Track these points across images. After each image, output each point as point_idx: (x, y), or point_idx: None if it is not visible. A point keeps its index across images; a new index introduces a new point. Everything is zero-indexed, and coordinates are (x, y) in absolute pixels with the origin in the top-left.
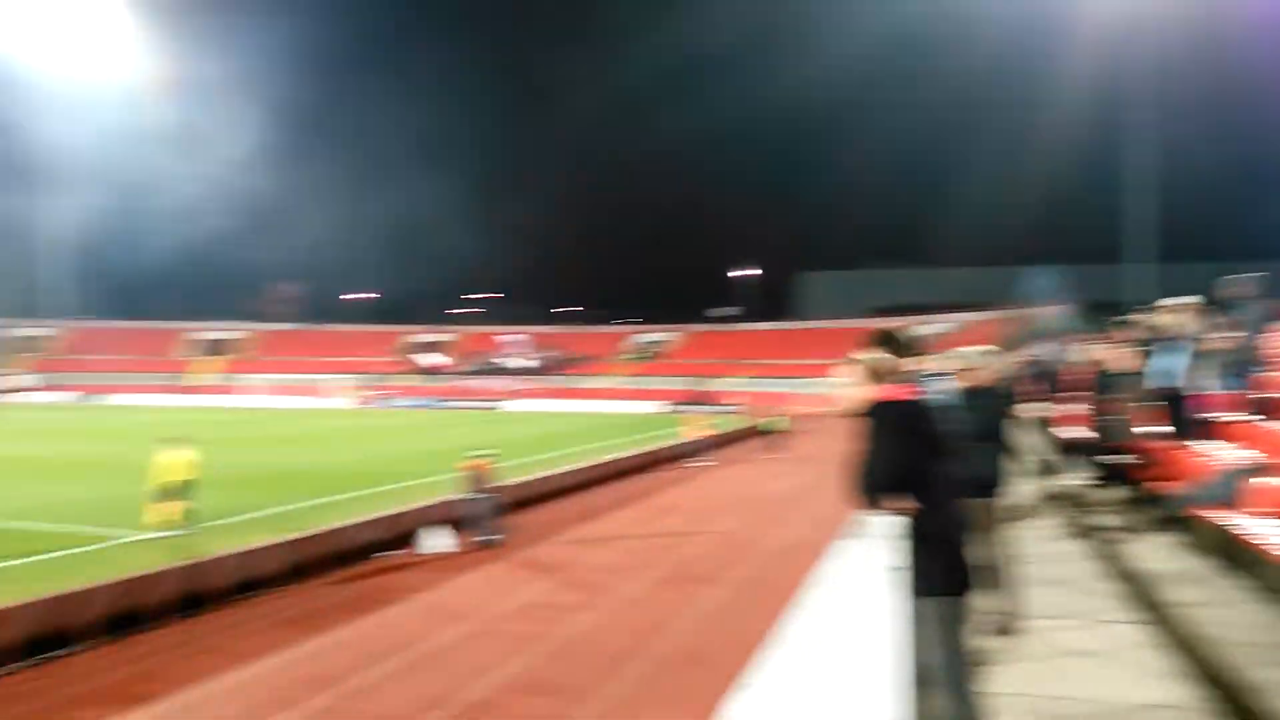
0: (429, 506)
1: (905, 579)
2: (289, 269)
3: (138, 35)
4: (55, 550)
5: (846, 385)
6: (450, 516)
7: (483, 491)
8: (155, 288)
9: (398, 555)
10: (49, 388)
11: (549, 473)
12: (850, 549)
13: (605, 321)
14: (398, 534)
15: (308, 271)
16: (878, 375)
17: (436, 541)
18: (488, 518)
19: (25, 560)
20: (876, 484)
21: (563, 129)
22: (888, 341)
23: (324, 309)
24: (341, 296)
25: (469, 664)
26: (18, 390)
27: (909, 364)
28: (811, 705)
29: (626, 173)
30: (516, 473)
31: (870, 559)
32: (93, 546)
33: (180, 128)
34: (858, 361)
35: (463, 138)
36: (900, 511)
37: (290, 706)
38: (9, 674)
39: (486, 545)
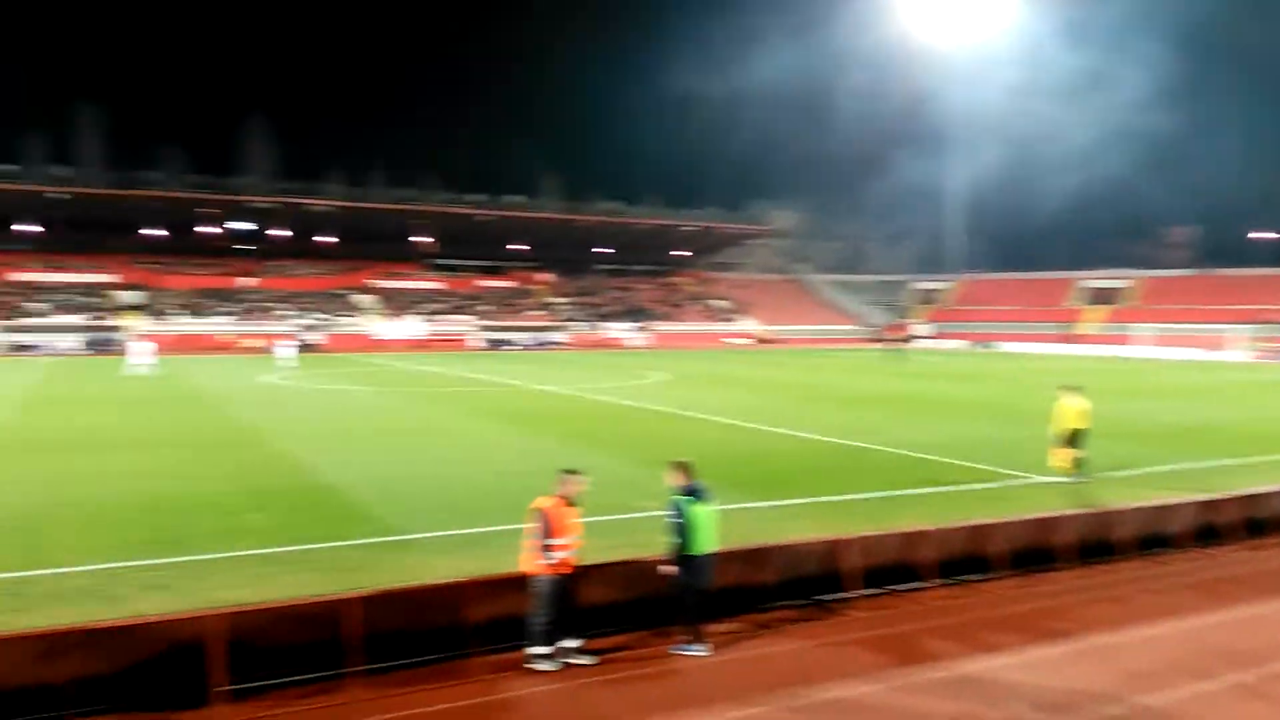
0: None
1: None
2: (1184, 210)
3: None
4: (960, 483)
5: None
6: None
7: None
8: (1044, 238)
9: None
10: (942, 335)
11: None
12: None
13: None
14: None
15: (1206, 212)
16: None
17: None
18: None
19: (935, 489)
20: None
21: None
22: None
23: (1223, 251)
24: (1248, 236)
25: None
26: (920, 337)
27: None
28: None
29: None
30: None
31: None
32: (992, 484)
33: (1072, 74)
34: None
35: None
36: None
37: (1206, 676)
38: (928, 589)
39: None
